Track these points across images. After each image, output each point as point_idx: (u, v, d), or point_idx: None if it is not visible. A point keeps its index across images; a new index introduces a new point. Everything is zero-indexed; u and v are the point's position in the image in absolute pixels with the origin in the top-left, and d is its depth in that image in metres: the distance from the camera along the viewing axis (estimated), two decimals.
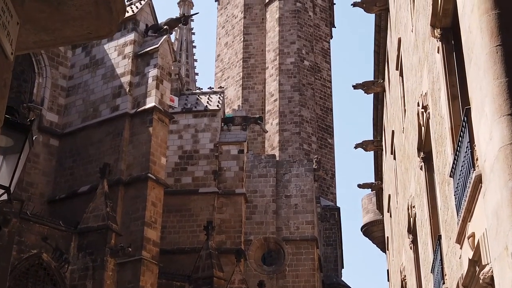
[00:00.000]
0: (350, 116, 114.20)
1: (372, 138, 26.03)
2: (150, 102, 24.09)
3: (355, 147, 25.45)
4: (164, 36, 25.11)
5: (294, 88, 44.74)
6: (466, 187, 7.35)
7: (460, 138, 7.58)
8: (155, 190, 23.24)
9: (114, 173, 23.22)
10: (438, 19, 9.31)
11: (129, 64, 25.05)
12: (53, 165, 25.27)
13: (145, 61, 25.02)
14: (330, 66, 48.98)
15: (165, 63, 25.05)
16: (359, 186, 28.23)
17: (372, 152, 27.12)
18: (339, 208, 42.59)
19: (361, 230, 32.42)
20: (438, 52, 9.40)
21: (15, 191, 19.41)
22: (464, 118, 7.35)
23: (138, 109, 24.33)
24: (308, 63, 46.35)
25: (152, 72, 24.54)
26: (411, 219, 14.45)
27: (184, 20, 26.62)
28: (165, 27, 25.58)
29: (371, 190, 29.68)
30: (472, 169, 6.96)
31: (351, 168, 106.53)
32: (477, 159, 6.87)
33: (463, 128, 7.41)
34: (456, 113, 8.78)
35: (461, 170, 7.63)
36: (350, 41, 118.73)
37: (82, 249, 21.06)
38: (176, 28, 59.72)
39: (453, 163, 8.10)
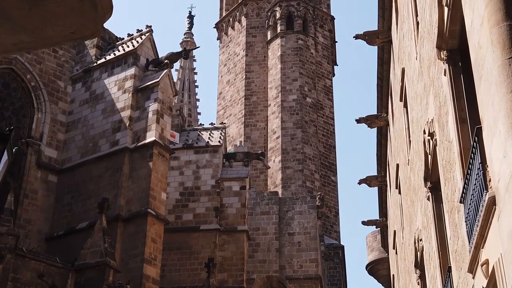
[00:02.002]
0: (353, 153, 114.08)
1: (376, 174, 25.78)
2: (150, 137, 23.78)
3: (359, 183, 25.22)
4: (165, 70, 24.91)
5: (297, 125, 44.49)
6: (478, 211, 7.03)
7: (471, 160, 7.26)
8: (155, 226, 22.79)
9: (113, 208, 22.81)
10: (444, 40, 9.09)
11: (129, 98, 24.82)
12: (51, 202, 24.87)
13: (145, 95, 24.79)
14: (333, 104, 48.85)
15: (166, 97, 24.82)
16: (364, 223, 27.86)
17: (376, 188, 26.84)
18: (343, 247, 42.03)
19: (366, 269, 31.92)
20: (445, 75, 9.15)
21: (11, 226, 18.86)
22: (474, 139, 7.05)
23: (138, 144, 24.00)
24: (311, 100, 46.21)
25: (153, 106, 24.29)
26: (418, 253, 14.10)
27: (185, 54, 26.45)
28: (166, 61, 25.39)
29: (376, 227, 29.28)
30: (485, 191, 6.64)
31: (355, 205, 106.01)
32: (490, 180, 6.56)
33: (473, 149, 7.11)
34: (465, 136, 8.48)
35: (473, 194, 7.31)
36: (352, 79, 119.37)
37: (79, 287, 20.55)
38: (178, 68, 60.16)
39: (464, 187, 7.78)
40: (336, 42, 52.64)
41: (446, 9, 8.58)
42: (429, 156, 11.15)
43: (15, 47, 4.51)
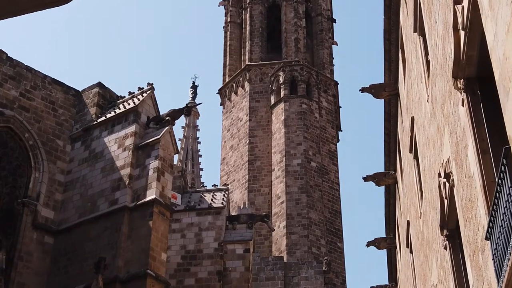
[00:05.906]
0: (360, 216, 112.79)
1: (384, 236, 25.11)
2: (151, 195, 23.01)
3: (367, 245, 24.57)
4: (166, 127, 24.38)
5: (302, 190, 43.71)
6: (509, 242, 6.30)
7: (498, 188, 6.57)
8: None
9: (111, 270, 21.85)
10: (461, 68, 8.57)
11: (129, 156, 24.19)
12: (47, 264, 23.87)
13: (146, 153, 24.17)
14: (338, 169, 48.19)
15: (167, 155, 24.21)
16: None
17: (385, 252, 26.13)
18: None
19: None
20: (462, 105, 8.57)
21: (2, 286, 17.90)
22: (502, 161, 6.37)
23: (138, 202, 23.19)
24: (315, 165, 45.61)
25: (153, 164, 23.62)
26: None
27: (187, 110, 26.00)
28: (167, 118, 24.95)
29: None
30: None
31: (363, 270, 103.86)
32: None
33: (501, 174, 6.41)
34: (488, 168, 7.82)
35: (501, 225, 6.61)
36: (356, 143, 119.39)
37: None
38: (182, 138, 59.87)
39: (490, 220, 7.06)
40: (340, 107, 52.47)
41: (462, 33, 8.10)
42: (445, 201, 10.54)
43: None
